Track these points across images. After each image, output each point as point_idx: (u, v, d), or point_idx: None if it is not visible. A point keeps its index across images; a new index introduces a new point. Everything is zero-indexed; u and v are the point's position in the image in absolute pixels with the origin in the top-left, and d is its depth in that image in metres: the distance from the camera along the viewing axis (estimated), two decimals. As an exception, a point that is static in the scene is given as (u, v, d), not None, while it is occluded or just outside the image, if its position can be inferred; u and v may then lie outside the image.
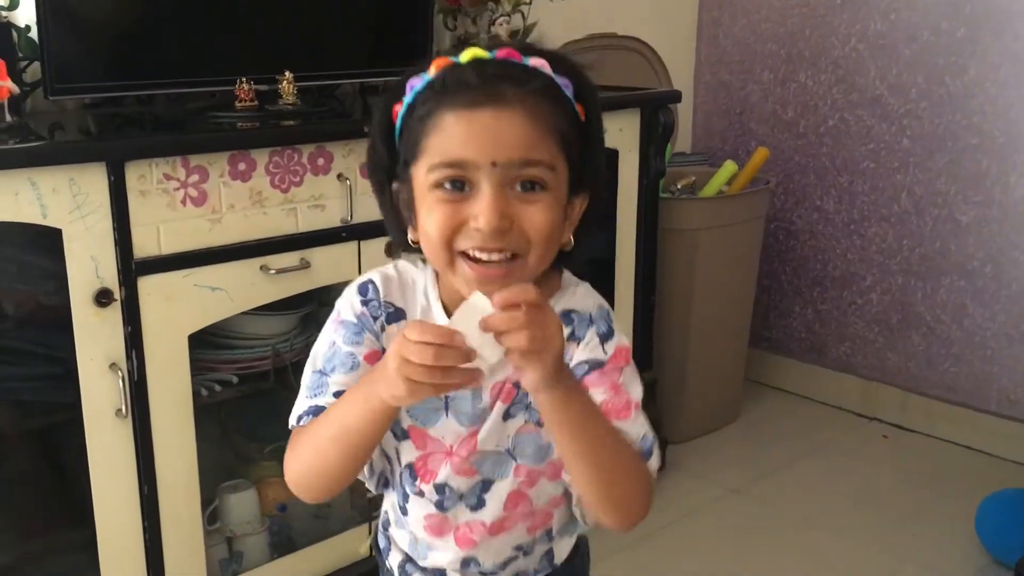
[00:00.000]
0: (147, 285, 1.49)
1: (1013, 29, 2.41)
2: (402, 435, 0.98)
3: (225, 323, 1.69)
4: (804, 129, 2.86)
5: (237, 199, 1.57)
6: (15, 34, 1.66)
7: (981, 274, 2.56)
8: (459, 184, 0.85)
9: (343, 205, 1.67)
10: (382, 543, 1.11)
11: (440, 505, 1.00)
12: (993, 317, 2.55)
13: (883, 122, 2.69)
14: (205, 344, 1.69)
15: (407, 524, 1.04)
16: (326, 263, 1.67)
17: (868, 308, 2.81)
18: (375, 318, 0.95)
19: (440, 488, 0.99)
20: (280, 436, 1.01)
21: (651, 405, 2.38)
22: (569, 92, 0.89)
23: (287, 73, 1.78)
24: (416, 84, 0.88)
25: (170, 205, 1.50)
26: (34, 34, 1.67)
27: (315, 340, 0.98)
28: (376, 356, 0.94)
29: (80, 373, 1.45)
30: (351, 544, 1.83)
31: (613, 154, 2.14)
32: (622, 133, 2.15)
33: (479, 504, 0.99)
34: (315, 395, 0.94)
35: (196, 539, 1.62)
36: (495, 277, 0.86)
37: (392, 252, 1.17)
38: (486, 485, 0.98)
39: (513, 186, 0.85)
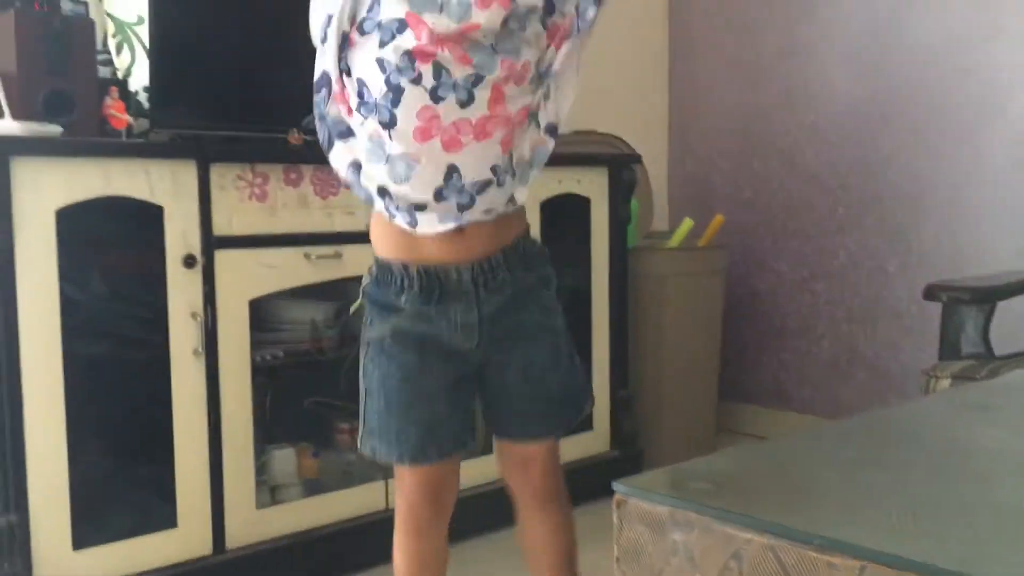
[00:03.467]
0: (221, 256, 1.99)
1: (915, 110, 2.96)
2: (400, 28, 1.15)
3: (275, 307, 2.18)
4: (759, 205, 3.39)
5: (289, 200, 2.09)
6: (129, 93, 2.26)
7: (909, 315, 3.01)
8: None
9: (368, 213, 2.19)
10: (360, 193, 1.30)
11: (434, 94, 1.15)
12: (923, 349, 2.97)
13: (821, 194, 3.21)
14: (261, 327, 2.16)
15: (389, 143, 1.19)
16: (354, 256, 2.16)
17: (820, 354, 3.24)
18: None
19: (438, 71, 1.14)
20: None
21: (627, 418, 2.80)
22: None
23: (328, 127, 2.34)
24: None
25: (240, 199, 2.02)
26: (141, 96, 2.27)
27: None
28: None
29: (169, 318, 1.93)
30: (372, 494, 2.23)
31: (586, 201, 2.67)
32: (593, 185, 2.68)
33: (469, 100, 1.16)
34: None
35: (248, 465, 2.05)
36: None
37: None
38: (478, 79, 1.15)
39: None
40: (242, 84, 2.33)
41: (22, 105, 1.89)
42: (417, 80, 1.16)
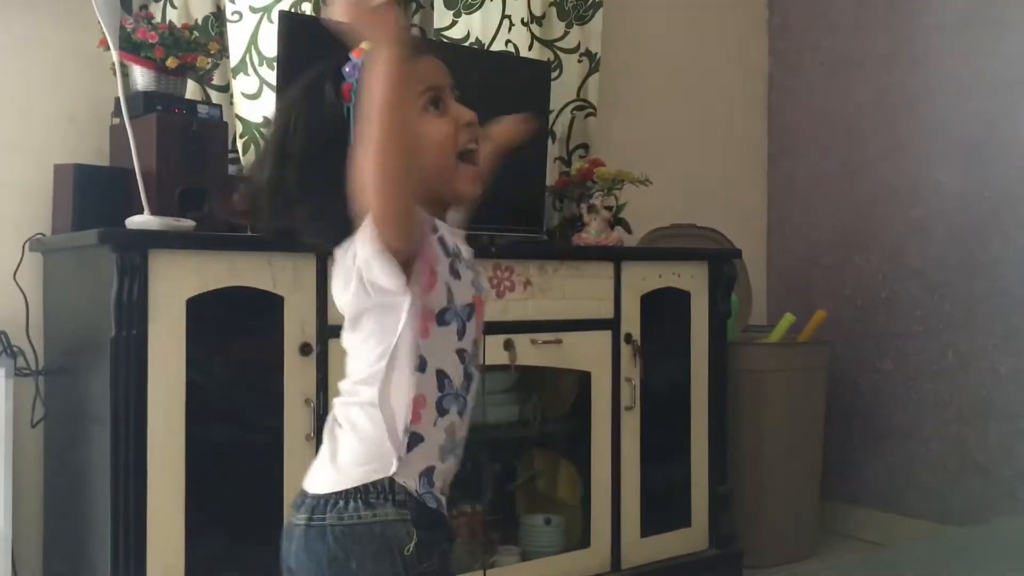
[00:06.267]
0: (335, 344, 2.07)
1: (1024, 208, 2.92)
2: (468, 315, 1.18)
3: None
4: (861, 302, 3.35)
5: (400, 292, 2.17)
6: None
7: (1023, 417, 2.91)
8: (436, 103, 1.19)
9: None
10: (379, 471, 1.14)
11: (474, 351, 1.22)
12: (1038, 454, 2.87)
13: (926, 291, 3.16)
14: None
15: (459, 433, 1.19)
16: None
17: (928, 456, 3.15)
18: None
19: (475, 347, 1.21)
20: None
21: (725, 516, 2.76)
22: None
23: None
24: (353, 63, 1.16)
25: (355, 290, 2.11)
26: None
27: None
28: None
29: (285, 403, 2.02)
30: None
31: (686, 295, 2.69)
32: (693, 279, 2.71)
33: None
34: None
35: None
36: (480, 172, 1.22)
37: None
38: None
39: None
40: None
41: (159, 201, 2.03)
42: (479, 367, 1.23)
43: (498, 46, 2.86)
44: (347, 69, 1.17)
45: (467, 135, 1.20)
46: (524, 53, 2.90)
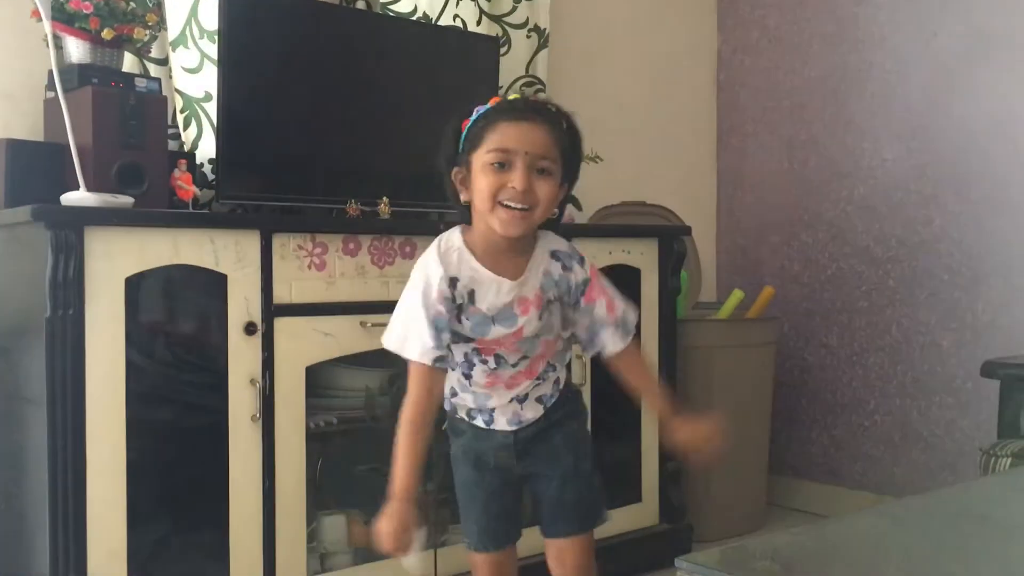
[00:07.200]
0: (280, 323, 2.04)
1: (967, 184, 2.96)
2: (467, 341, 1.61)
3: (330, 374, 2.22)
4: (808, 278, 3.38)
5: (347, 269, 2.14)
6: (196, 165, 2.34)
7: (964, 390, 2.96)
8: (503, 164, 1.50)
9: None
10: (448, 407, 1.69)
11: (493, 370, 1.64)
12: (978, 426, 2.92)
13: (871, 268, 3.20)
14: (316, 393, 2.20)
15: (470, 387, 1.66)
16: (409, 325, 2.20)
17: (873, 429, 3.20)
18: (446, 298, 1.56)
19: (497, 359, 1.63)
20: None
21: (676, 491, 2.78)
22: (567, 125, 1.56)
23: (385, 199, 2.40)
24: (480, 109, 1.54)
25: (300, 268, 2.08)
26: (207, 168, 2.36)
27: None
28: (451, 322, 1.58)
29: (229, 384, 1.97)
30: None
31: (636, 272, 2.69)
32: (643, 256, 2.71)
33: (518, 362, 1.65)
34: (438, 346, 1.55)
35: (300, 532, 2.06)
36: (517, 219, 1.51)
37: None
38: (524, 357, 1.65)
39: (534, 170, 1.49)
40: (303, 157, 2.41)
41: (96, 177, 1.97)
42: (484, 362, 1.64)
43: (446, 20, 2.82)
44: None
45: (508, 194, 1.50)
46: (472, 28, 2.87)
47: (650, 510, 2.74)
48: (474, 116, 1.54)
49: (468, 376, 1.65)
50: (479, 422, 1.70)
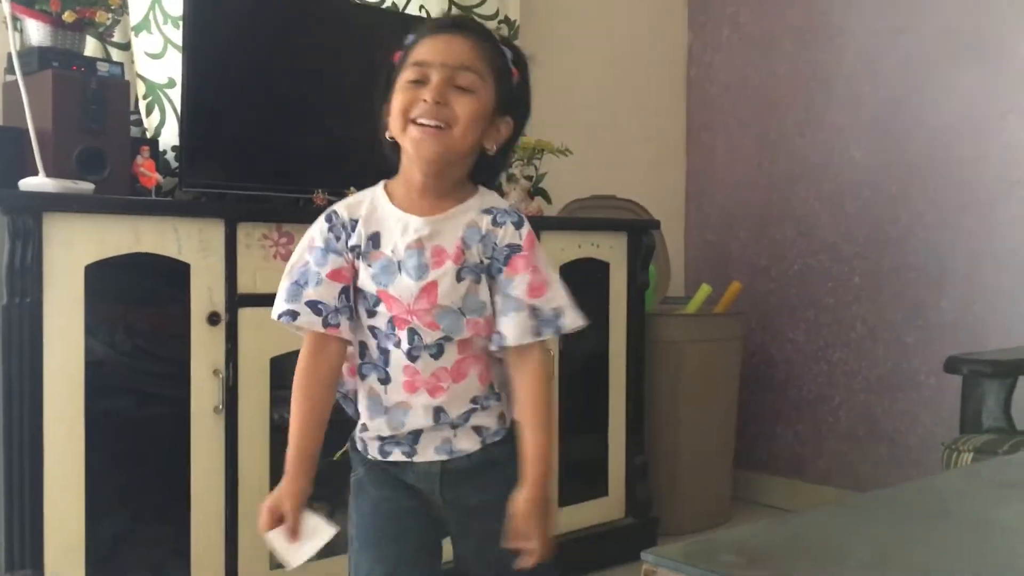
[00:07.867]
0: (245, 314, 2.01)
1: (933, 183, 2.99)
2: (375, 302, 1.34)
3: (294, 366, 2.19)
4: (776, 274, 3.40)
5: (313, 260, 2.11)
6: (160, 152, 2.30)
7: (927, 386, 2.99)
8: (420, 81, 1.31)
9: (390, 275, 2.21)
10: (359, 445, 1.44)
11: (410, 355, 1.33)
12: (942, 421, 2.95)
13: (837, 264, 3.22)
14: (280, 384, 2.17)
15: (386, 394, 1.36)
16: (375, 317, 2.18)
17: (837, 424, 3.22)
18: (338, 238, 1.34)
19: (412, 335, 1.32)
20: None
21: (642, 485, 2.79)
22: (508, 56, 1.38)
23: (352, 189, 2.37)
24: (412, 36, 1.37)
25: (265, 257, 2.05)
26: (170, 156, 2.32)
27: None
28: (338, 274, 1.33)
29: (192, 375, 1.94)
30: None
31: (604, 266, 2.69)
32: (612, 250, 2.70)
33: (439, 352, 1.34)
34: (291, 300, 1.34)
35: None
36: (429, 135, 1.30)
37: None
38: (446, 338, 1.34)
39: (451, 85, 1.30)
40: (268, 145, 2.38)
41: (56, 162, 1.93)
42: (397, 344, 1.35)
43: (412, 10, 2.79)
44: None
45: (419, 109, 1.31)
46: (443, 18, 2.84)
47: (616, 504, 2.74)
48: (405, 44, 1.37)
49: (385, 379, 1.36)
50: (397, 455, 1.39)
